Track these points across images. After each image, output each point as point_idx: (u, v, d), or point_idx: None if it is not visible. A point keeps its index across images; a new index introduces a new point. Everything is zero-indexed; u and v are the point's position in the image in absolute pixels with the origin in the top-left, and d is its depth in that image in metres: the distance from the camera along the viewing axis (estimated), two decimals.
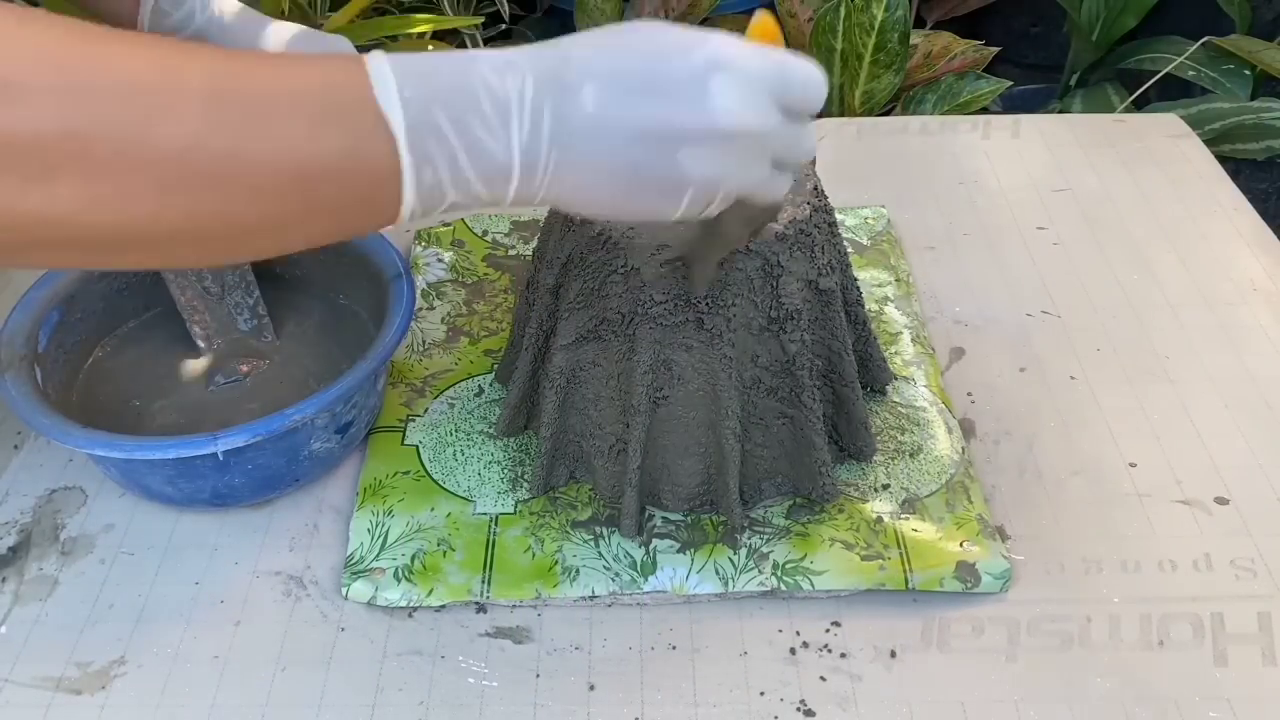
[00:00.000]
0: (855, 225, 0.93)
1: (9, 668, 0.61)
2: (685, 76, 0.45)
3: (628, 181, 0.46)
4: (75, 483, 0.72)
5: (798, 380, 0.65)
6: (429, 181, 0.44)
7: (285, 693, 0.60)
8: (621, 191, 0.46)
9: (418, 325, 0.83)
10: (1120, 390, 0.78)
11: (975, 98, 1.52)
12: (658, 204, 0.47)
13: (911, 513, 0.68)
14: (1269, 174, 1.57)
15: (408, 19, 1.49)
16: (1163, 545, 0.68)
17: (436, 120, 0.43)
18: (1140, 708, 0.59)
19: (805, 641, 0.63)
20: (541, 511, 0.69)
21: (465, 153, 0.44)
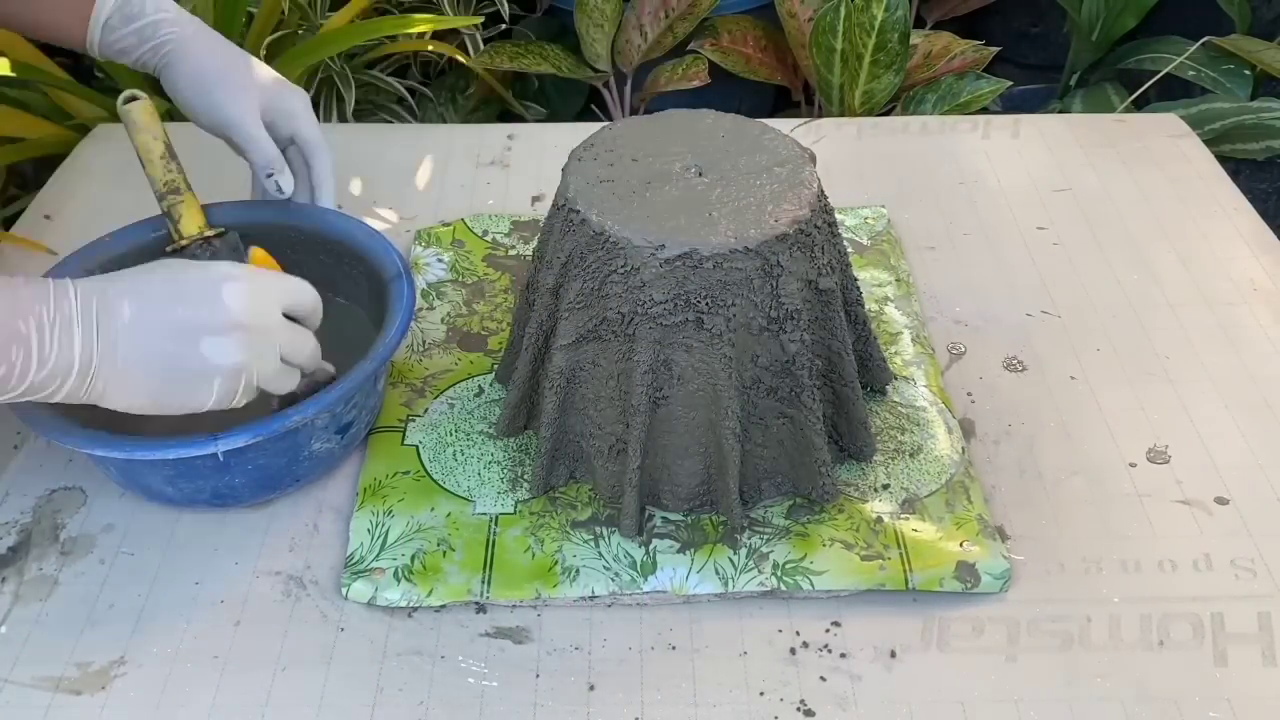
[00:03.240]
0: (855, 225, 0.93)
1: (9, 668, 0.61)
2: (201, 284, 0.58)
3: (163, 374, 0.57)
4: (75, 483, 0.72)
5: (798, 380, 0.65)
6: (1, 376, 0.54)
7: (285, 693, 0.60)
8: (159, 384, 0.57)
9: (418, 325, 0.83)
10: (1120, 390, 0.78)
11: (975, 98, 1.52)
12: (192, 394, 0.58)
13: (911, 513, 0.68)
14: (1269, 174, 1.57)
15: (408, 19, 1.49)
16: (1163, 545, 0.68)
17: (19, 328, 0.53)
18: (1140, 708, 0.59)
19: (805, 641, 0.63)
20: (541, 511, 0.69)
21: (37, 356, 0.54)
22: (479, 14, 1.70)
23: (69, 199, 0.98)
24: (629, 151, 0.69)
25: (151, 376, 0.57)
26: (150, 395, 0.58)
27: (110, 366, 0.56)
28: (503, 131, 1.07)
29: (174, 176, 0.74)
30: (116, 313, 0.56)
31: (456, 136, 1.09)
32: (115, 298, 0.56)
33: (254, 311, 0.59)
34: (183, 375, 0.58)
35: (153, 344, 0.56)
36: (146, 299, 0.57)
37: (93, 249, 0.75)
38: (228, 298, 0.58)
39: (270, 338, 0.60)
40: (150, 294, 0.57)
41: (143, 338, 0.56)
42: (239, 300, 0.58)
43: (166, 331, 0.57)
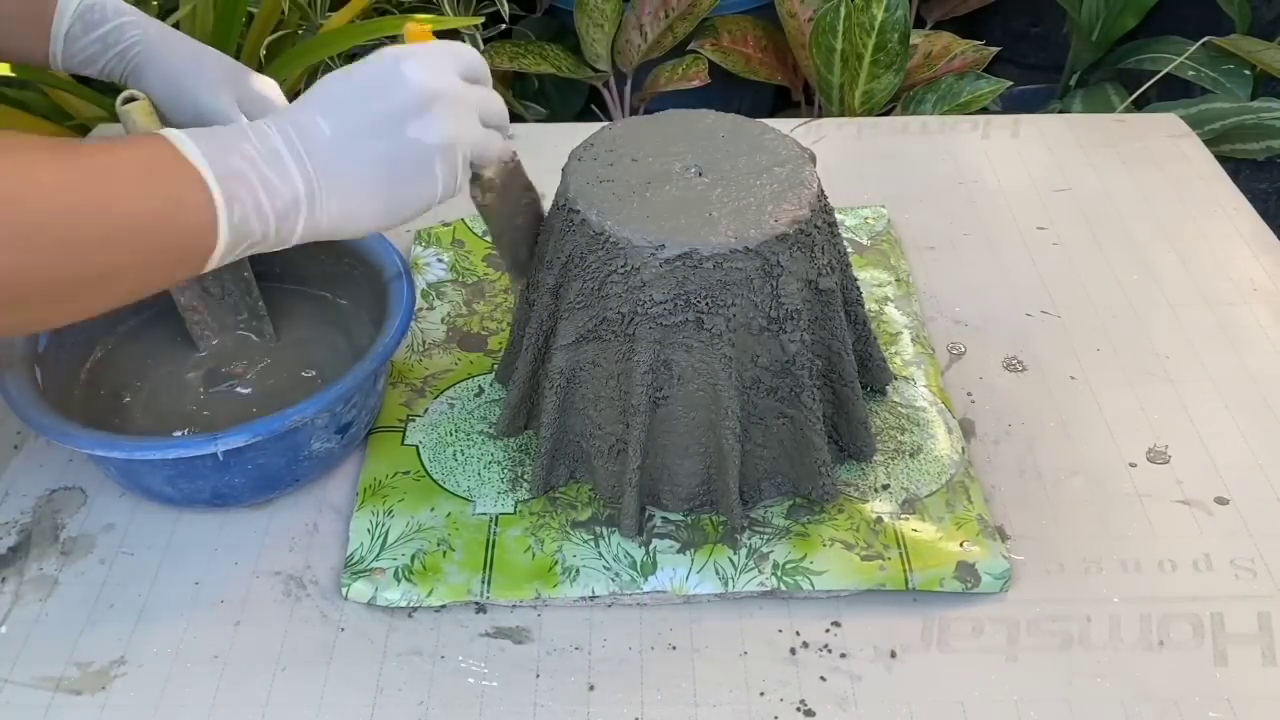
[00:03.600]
0: (855, 225, 0.93)
1: (9, 668, 0.61)
2: (381, 73, 0.55)
3: (385, 174, 0.55)
4: (75, 483, 0.72)
5: (797, 380, 0.65)
6: (238, 218, 0.51)
7: (285, 693, 0.60)
8: (384, 187, 0.55)
9: (418, 325, 0.83)
10: (1120, 390, 0.78)
11: (975, 98, 1.52)
12: (419, 185, 0.56)
13: (911, 513, 0.68)
14: (1269, 174, 1.57)
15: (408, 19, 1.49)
16: (1163, 545, 0.68)
17: (235, 167, 0.51)
18: (1140, 708, 0.59)
19: (805, 641, 0.63)
20: (541, 511, 0.69)
21: (263, 191, 0.52)
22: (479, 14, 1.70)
23: None
24: (629, 151, 0.69)
25: (376, 180, 0.55)
26: (382, 201, 0.56)
27: (332, 186, 0.54)
28: None
29: None
30: (317, 132, 0.54)
31: None
32: (308, 121, 0.54)
33: (440, 79, 0.56)
34: (403, 168, 0.55)
35: (363, 147, 0.54)
36: (339, 107, 0.54)
37: None
38: (410, 74, 0.55)
39: (465, 101, 0.57)
40: (340, 101, 0.55)
41: (351, 145, 0.54)
42: (422, 73, 0.55)
43: (371, 130, 0.54)
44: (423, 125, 0.55)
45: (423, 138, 0.55)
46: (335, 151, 0.54)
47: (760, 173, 0.67)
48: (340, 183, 0.54)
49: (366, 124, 0.54)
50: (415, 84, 0.55)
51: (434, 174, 0.56)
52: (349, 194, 0.54)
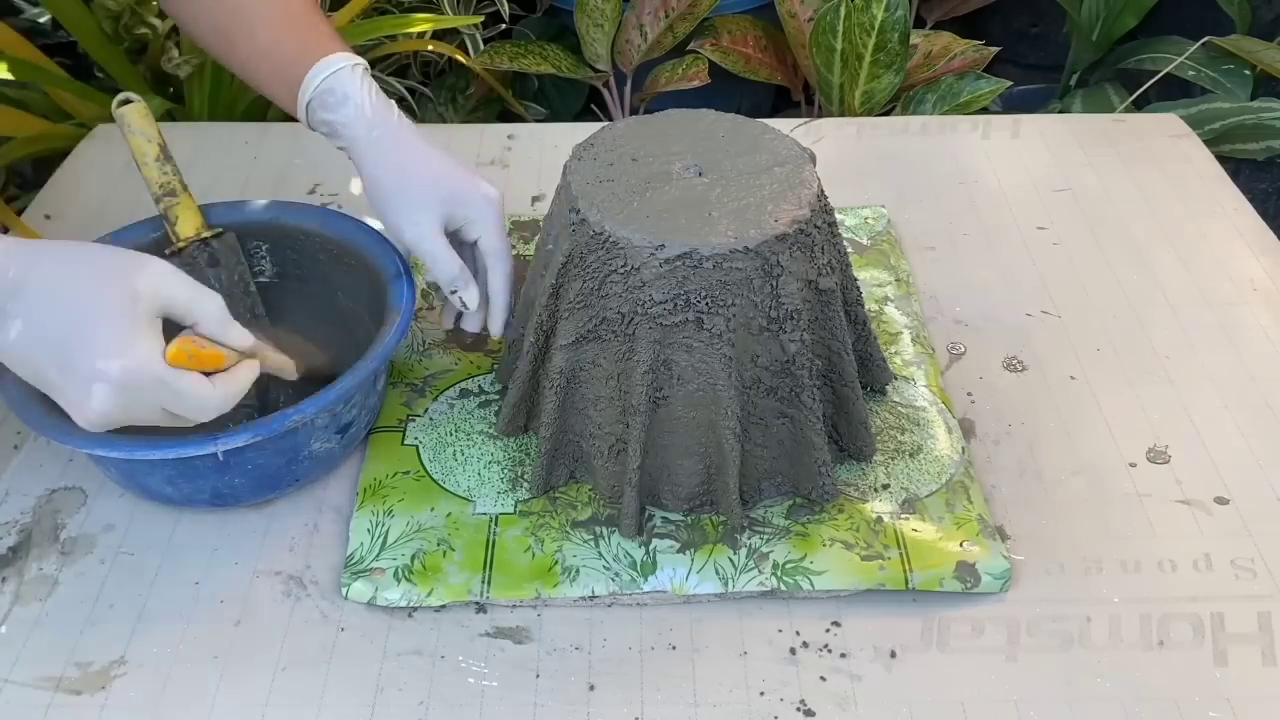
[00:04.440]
0: (855, 225, 0.93)
1: (9, 668, 0.61)
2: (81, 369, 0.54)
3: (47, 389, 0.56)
4: (75, 483, 0.72)
5: (797, 380, 0.65)
6: None
7: (285, 693, 0.60)
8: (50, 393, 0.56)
9: (418, 325, 0.83)
10: (1120, 390, 0.78)
11: (975, 98, 1.52)
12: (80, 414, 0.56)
13: (911, 513, 0.68)
14: (1269, 174, 1.57)
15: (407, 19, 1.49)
16: (1163, 545, 0.68)
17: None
18: (1140, 708, 0.59)
19: (805, 641, 0.63)
20: (541, 511, 0.69)
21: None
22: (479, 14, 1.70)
23: (69, 199, 0.98)
24: (629, 151, 0.69)
25: (38, 383, 0.57)
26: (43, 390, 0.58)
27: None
28: (503, 131, 1.07)
29: (169, 178, 0.74)
30: (5, 325, 0.54)
31: (456, 136, 1.09)
32: (11, 312, 0.54)
33: (119, 415, 0.56)
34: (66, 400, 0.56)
35: (27, 373, 0.56)
36: (33, 332, 0.54)
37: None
38: (95, 400, 0.55)
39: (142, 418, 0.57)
40: (38, 331, 0.54)
41: (18, 363, 0.56)
42: (103, 404, 0.55)
43: (38, 376, 0.56)
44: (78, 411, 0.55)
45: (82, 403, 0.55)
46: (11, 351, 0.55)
47: (760, 172, 0.67)
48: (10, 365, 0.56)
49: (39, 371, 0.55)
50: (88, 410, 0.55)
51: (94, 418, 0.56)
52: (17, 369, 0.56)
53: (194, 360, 0.56)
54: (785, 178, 0.66)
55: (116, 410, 0.55)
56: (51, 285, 0.54)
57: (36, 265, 0.54)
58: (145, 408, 0.56)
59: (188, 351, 0.55)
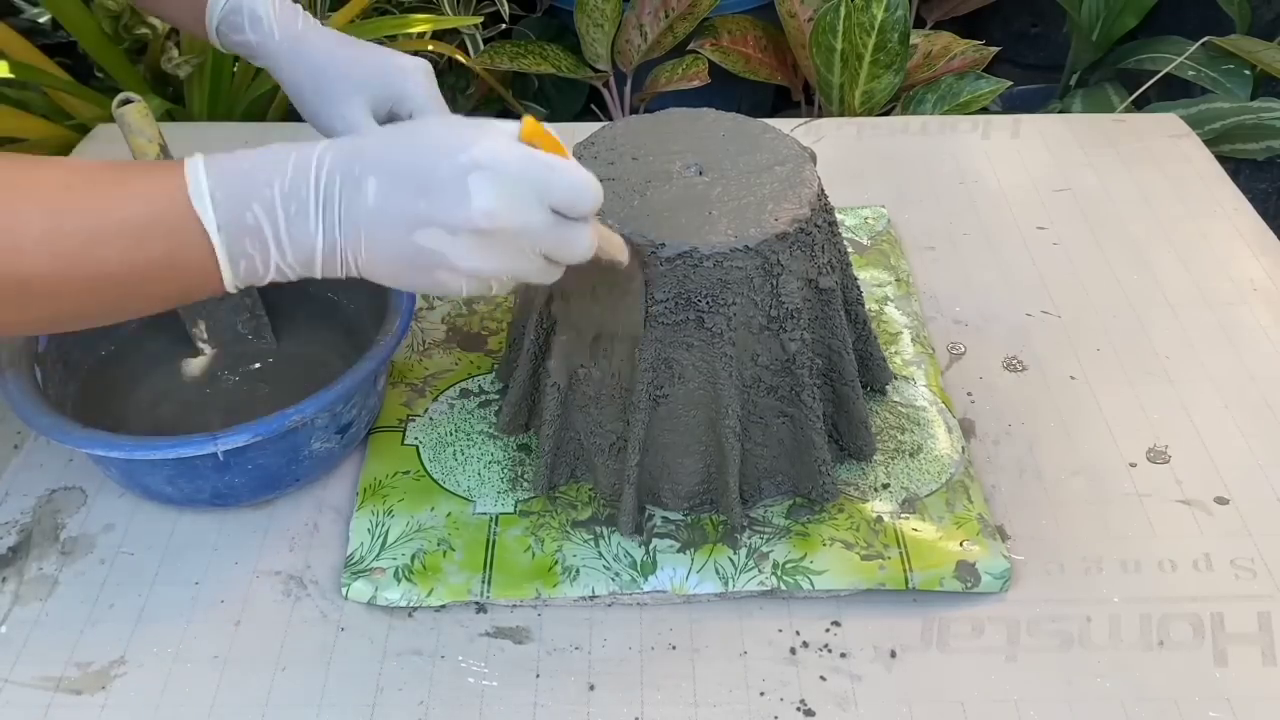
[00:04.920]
0: (855, 225, 0.93)
1: (9, 668, 0.61)
2: (448, 175, 0.49)
3: (410, 264, 0.51)
4: (75, 483, 0.72)
5: (797, 379, 0.65)
6: (244, 271, 0.51)
7: (285, 693, 0.60)
8: (407, 271, 0.51)
9: (418, 325, 0.83)
10: (1120, 390, 0.78)
11: (975, 98, 1.52)
12: (441, 285, 0.52)
13: (911, 512, 0.68)
14: (1269, 174, 1.57)
15: (407, 19, 1.49)
16: (1163, 545, 0.68)
17: (247, 220, 0.49)
18: (1140, 708, 0.59)
19: (805, 641, 0.63)
20: (541, 511, 0.69)
21: (275, 246, 0.50)
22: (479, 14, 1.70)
23: None
24: (629, 151, 0.69)
25: (397, 267, 0.51)
26: (400, 281, 0.53)
27: (356, 249, 0.51)
28: None
29: None
30: (361, 192, 0.50)
31: None
32: (361, 175, 0.49)
33: (502, 214, 0.49)
34: (428, 272, 0.51)
35: (396, 236, 0.50)
36: (393, 180, 0.49)
37: None
38: (475, 194, 0.49)
39: (526, 240, 0.51)
40: (397, 174, 0.49)
41: (386, 228, 0.50)
42: (485, 201, 0.49)
43: (409, 223, 0.50)
44: (459, 249, 0.50)
45: (455, 260, 0.50)
46: (368, 224, 0.50)
47: (760, 172, 0.67)
48: (363, 253, 0.51)
49: (409, 216, 0.50)
50: (469, 206, 0.49)
51: (458, 286, 0.52)
52: (370, 264, 0.52)
53: (547, 138, 0.51)
54: (785, 177, 0.66)
55: (500, 202, 0.49)
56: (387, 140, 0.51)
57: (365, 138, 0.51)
58: (526, 197, 0.50)
59: (539, 129, 0.50)
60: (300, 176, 0.50)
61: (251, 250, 0.50)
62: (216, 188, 0.49)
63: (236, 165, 0.51)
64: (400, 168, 0.50)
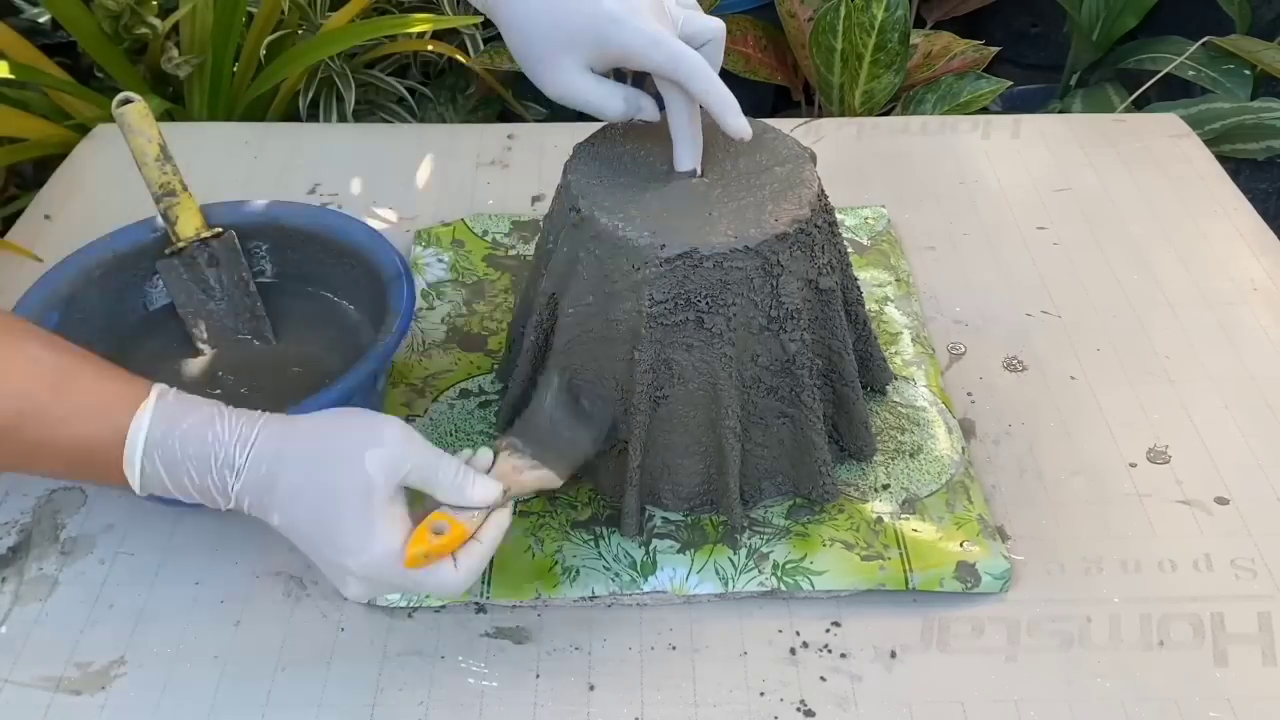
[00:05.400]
0: (855, 225, 0.93)
1: (9, 668, 0.61)
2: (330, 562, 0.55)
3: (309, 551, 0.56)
4: (75, 482, 0.72)
5: (798, 380, 0.65)
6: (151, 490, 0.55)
7: (285, 693, 0.60)
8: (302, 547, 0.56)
9: (418, 325, 0.83)
10: (1120, 390, 0.78)
11: (975, 98, 1.52)
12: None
13: (911, 513, 0.68)
14: (1269, 174, 1.57)
15: (407, 19, 1.49)
16: (1163, 545, 0.68)
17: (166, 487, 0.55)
18: (1140, 708, 0.59)
19: (805, 641, 0.63)
20: (541, 511, 0.69)
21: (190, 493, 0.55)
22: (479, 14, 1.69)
23: (69, 199, 0.98)
24: (629, 151, 0.69)
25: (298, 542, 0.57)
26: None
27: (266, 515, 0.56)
28: (503, 131, 1.07)
29: (169, 178, 0.74)
30: (269, 516, 0.55)
31: (456, 136, 1.09)
32: (269, 507, 0.55)
33: (371, 596, 0.60)
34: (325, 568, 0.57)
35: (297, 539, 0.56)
36: (289, 526, 0.55)
37: (92, 249, 0.75)
38: (350, 587, 0.55)
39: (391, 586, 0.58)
40: (293, 529, 0.55)
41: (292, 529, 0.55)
42: (356, 592, 0.56)
43: (304, 545, 0.56)
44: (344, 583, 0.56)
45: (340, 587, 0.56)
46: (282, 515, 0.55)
47: (760, 172, 0.67)
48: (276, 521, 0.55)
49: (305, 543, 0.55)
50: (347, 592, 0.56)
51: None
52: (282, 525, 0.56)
53: (431, 557, 0.54)
54: (785, 177, 0.66)
55: (372, 592, 0.57)
56: (297, 484, 0.54)
57: (283, 459, 0.54)
58: (391, 589, 0.58)
59: (423, 552, 0.54)
60: (219, 482, 0.54)
61: (169, 485, 0.55)
62: (147, 463, 0.54)
63: (171, 449, 0.54)
64: (298, 528, 0.55)
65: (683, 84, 0.63)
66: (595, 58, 0.63)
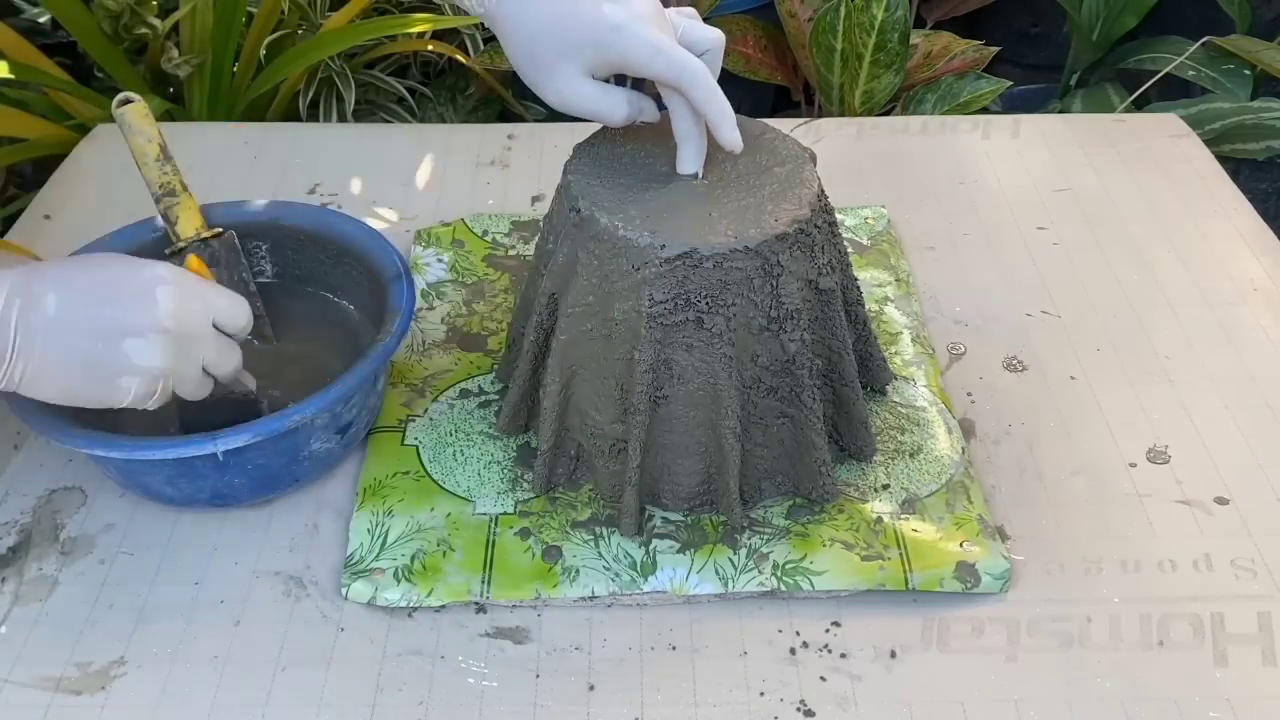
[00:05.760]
0: (855, 225, 0.93)
1: (9, 668, 0.61)
2: (137, 287, 0.58)
3: (81, 370, 0.57)
4: (75, 483, 0.72)
5: (798, 380, 0.65)
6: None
7: (285, 693, 0.60)
8: (76, 379, 0.57)
9: (418, 325, 0.83)
10: (1120, 390, 0.78)
11: (975, 98, 1.52)
12: (108, 392, 0.58)
13: (911, 513, 0.68)
14: (1269, 174, 1.57)
15: (407, 19, 1.49)
16: (1163, 545, 0.68)
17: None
18: (1140, 708, 0.59)
19: (805, 641, 0.63)
20: (541, 511, 0.69)
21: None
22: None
23: (69, 199, 0.98)
24: (629, 151, 0.69)
25: (70, 372, 0.57)
26: (64, 389, 0.58)
27: (28, 360, 0.56)
28: (503, 131, 1.07)
29: (169, 178, 0.74)
30: (40, 306, 0.55)
31: (456, 136, 1.09)
32: (40, 292, 0.56)
33: (184, 317, 0.59)
34: (101, 373, 0.58)
35: (75, 341, 0.56)
36: (74, 293, 0.56)
37: (92, 249, 0.75)
38: (161, 300, 0.58)
39: (196, 346, 0.61)
40: (79, 288, 0.56)
41: (65, 334, 0.56)
42: (170, 304, 0.58)
43: (90, 329, 0.56)
44: (139, 347, 0.57)
45: (133, 357, 0.57)
46: (46, 336, 0.56)
47: (760, 172, 0.67)
48: (34, 362, 0.56)
49: (90, 322, 0.56)
50: (155, 310, 0.57)
51: (127, 389, 0.58)
52: (39, 372, 0.57)
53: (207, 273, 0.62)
54: (785, 177, 0.66)
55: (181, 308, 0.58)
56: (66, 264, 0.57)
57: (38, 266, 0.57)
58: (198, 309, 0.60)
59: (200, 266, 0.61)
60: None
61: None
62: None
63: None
64: (83, 283, 0.57)
65: (684, 91, 0.63)
66: (597, 65, 0.63)
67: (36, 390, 0.58)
